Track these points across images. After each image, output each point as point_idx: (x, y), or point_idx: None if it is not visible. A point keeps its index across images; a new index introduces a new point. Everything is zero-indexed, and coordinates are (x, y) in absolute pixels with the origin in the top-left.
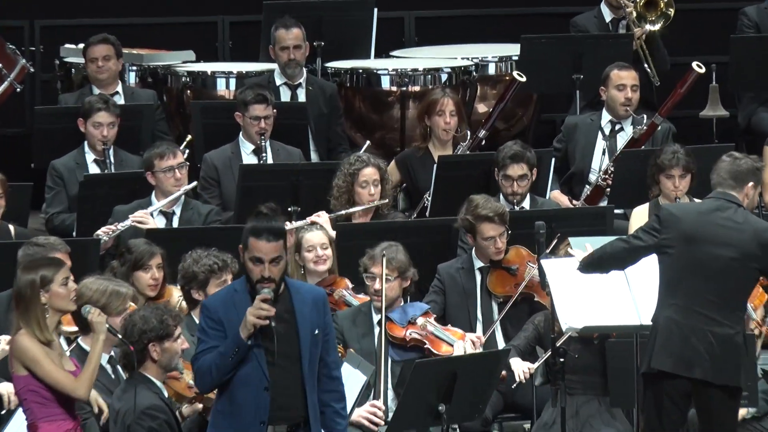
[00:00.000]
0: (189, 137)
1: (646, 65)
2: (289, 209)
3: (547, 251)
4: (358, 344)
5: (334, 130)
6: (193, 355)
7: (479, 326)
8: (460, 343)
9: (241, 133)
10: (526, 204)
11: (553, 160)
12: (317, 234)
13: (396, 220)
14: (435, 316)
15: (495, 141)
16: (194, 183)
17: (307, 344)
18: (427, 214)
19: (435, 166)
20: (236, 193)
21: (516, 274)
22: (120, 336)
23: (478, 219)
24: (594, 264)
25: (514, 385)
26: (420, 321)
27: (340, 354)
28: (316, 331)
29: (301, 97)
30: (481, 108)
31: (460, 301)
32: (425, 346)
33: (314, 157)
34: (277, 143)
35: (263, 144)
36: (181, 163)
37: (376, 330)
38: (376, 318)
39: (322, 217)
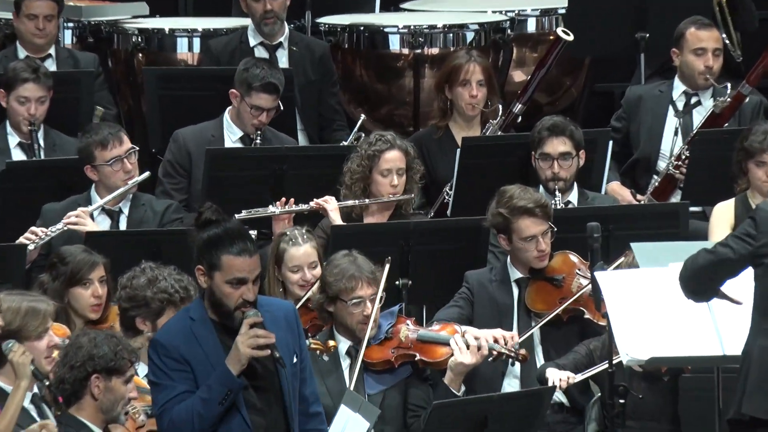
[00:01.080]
0: (98, 110)
1: (724, 35)
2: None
3: (610, 267)
4: (322, 384)
5: (327, 102)
6: (158, 405)
7: None
8: (457, 337)
9: (228, 112)
10: (573, 198)
11: (611, 143)
12: (305, 249)
13: (416, 221)
14: (412, 318)
15: (535, 119)
16: (147, 173)
17: (288, 376)
18: (448, 212)
19: (458, 150)
20: (202, 185)
21: (562, 286)
22: (48, 381)
23: (514, 213)
24: (686, 288)
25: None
26: (399, 331)
27: (326, 349)
28: (295, 359)
29: (283, 61)
30: (518, 76)
31: (492, 317)
32: (417, 359)
33: (302, 138)
34: (269, 129)
35: (258, 140)
36: (130, 150)
37: (344, 363)
38: (343, 347)
39: (331, 204)
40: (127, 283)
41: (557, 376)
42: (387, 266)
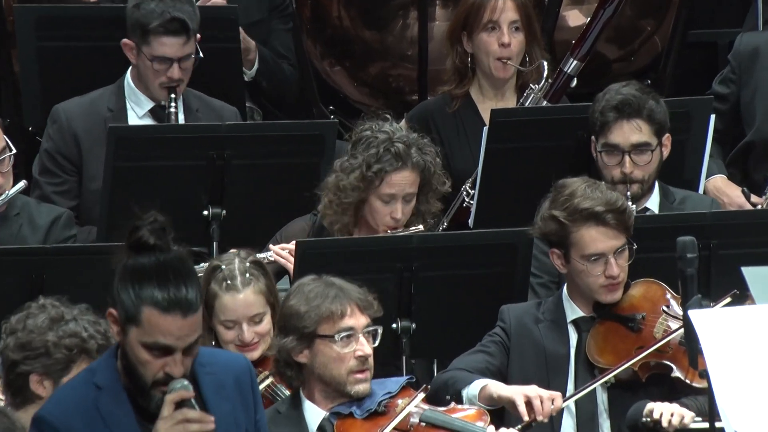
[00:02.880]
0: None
1: None
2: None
3: (711, 303)
4: None
5: (271, 44)
6: None
7: (569, 421)
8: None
9: (130, 73)
10: (653, 204)
11: (713, 118)
12: (245, 297)
13: (421, 234)
14: (422, 395)
15: (599, 83)
16: (22, 183)
17: None
18: (469, 221)
19: (484, 129)
20: (104, 183)
21: (641, 330)
22: None
23: (575, 218)
24: None
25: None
26: (395, 406)
27: None
28: None
29: None
30: (573, 18)
31: (537, 373)
32: None
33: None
34: (195, 95)
35: (172, 108)
36: (4, 152)
37: None
38: (315, 418)
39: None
40: (17, 325)
41: (667, 410)
42: (421, 395)
